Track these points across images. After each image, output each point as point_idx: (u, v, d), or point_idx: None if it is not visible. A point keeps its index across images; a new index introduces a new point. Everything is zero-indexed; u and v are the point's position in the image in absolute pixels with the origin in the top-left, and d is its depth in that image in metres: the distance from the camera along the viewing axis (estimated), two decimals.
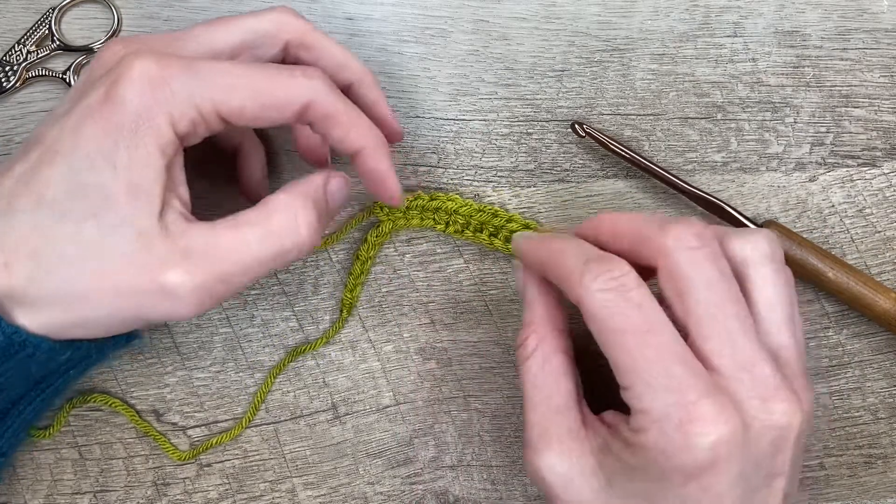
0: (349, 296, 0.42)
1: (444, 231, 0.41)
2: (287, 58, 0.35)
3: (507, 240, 0.41)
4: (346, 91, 0.36)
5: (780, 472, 0.31)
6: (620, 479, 0.32)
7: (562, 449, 0.33)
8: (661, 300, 0.32)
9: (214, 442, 0.42)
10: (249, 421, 0.42)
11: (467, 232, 0.41)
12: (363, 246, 0.41)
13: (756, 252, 0.33)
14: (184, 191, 0.32)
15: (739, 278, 0.32)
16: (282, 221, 0.32)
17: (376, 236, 0.41)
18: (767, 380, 0.31)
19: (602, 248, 0.33)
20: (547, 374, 0.34)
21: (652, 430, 0.30)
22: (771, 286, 0.33)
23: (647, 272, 0.32)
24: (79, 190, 0.30)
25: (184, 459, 0.41)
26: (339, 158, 0.42)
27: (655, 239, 0.32)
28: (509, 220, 0.41)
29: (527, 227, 0.41)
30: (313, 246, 0.33)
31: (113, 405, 0.41)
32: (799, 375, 0.33)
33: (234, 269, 0.31)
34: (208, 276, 0.31)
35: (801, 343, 0.34)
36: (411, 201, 0.41)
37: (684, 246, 0.31)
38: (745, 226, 0.41)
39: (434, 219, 0.41)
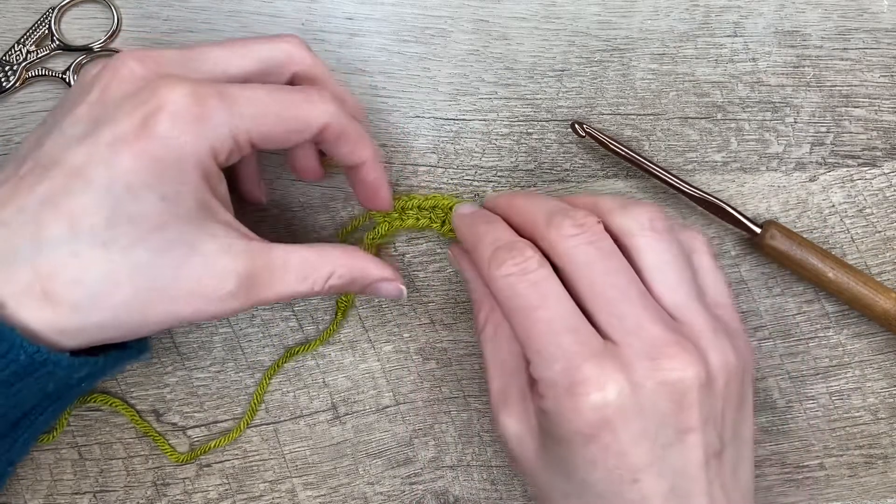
0: (344, 298, 0.42)
1: (440, 230, 0.41)
2: (291, 84, 0.36)
3: None
4: None
5: (691, 428, 0.32)
6: (547, 442, 0.34)
7: (514, 410, 0.35)
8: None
9: (213, 445, 0.42)
10: (248, 423, 0.42)
11: None
12: (360, 248, 0.41)
13: (634, 223, 0.35)
14: (229, 204, 0.34)
15: (626, 250, 0.34)
16: (320, 276, 0.35)
17: (372, 238, 0.41)
18: (655, 339, 0.32)
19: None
20: (499, 342, 0.37)
21: (548, 397, 0.32)
22: (652, 252, 0.34)
23: None
24: (121, 219, 0.30)
25: (182, 461, 0.41)
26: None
27: (541, 233, 0.34)
28: None
29: None
30: None
31: (113, 405, 0.41)
32: (706, 331, 0.33)
33: (270, 298, 0.34)
34: (254, 299, 0.33)
35: (716, 297, 0.36)
36: (406, 201, 0.41)
37: (564, 236, 0.34)
38: (746, 226, 0.41)
39: (430, 217, 0.41)
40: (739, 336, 0.35)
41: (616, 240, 0.35)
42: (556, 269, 0.34)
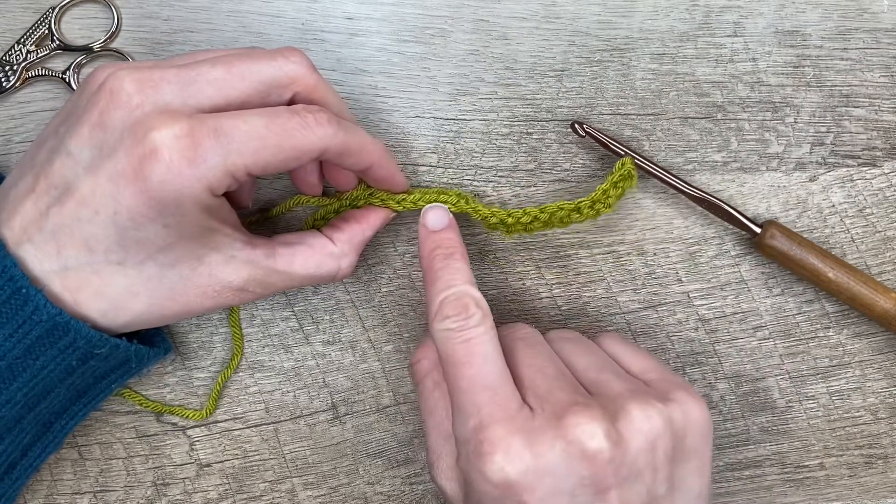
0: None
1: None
2: (291, 102, 0.36)
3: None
4: None
5: (609, 486, 0.31)
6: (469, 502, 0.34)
7: (449, 474, 0.35)
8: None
9: (221, 380, 0.41)
10: (236, 367, 0.42)
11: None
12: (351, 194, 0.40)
13: (552, 334, 0.39)
14: (233, 218, 0.36)
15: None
16: (328, 267, 0.38)
17: (382, 199, 0.40)
18: (562, 402, 0.32)
19: None
20: (437, 400, 0.37)
21: (461, 455, 0.33)
22: (563, 345, 0.38)
23: None
24: (129, 243, 0.32)
25: (205, 416, 0.42)
26: None
27: None
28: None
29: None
30: None
31: (118, 393, 0.41)
32: (623, 392, 0.34)
33: (278, 289, 0.37)
34: (260, 294, 0.36)
35: (642, 365, 0.37)
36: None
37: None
38: (746, 226, 0.41)
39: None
40: (681, 390, 0.35)
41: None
42: None
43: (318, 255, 0.37)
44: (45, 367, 0.33)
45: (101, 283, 0.33)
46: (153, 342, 0.39)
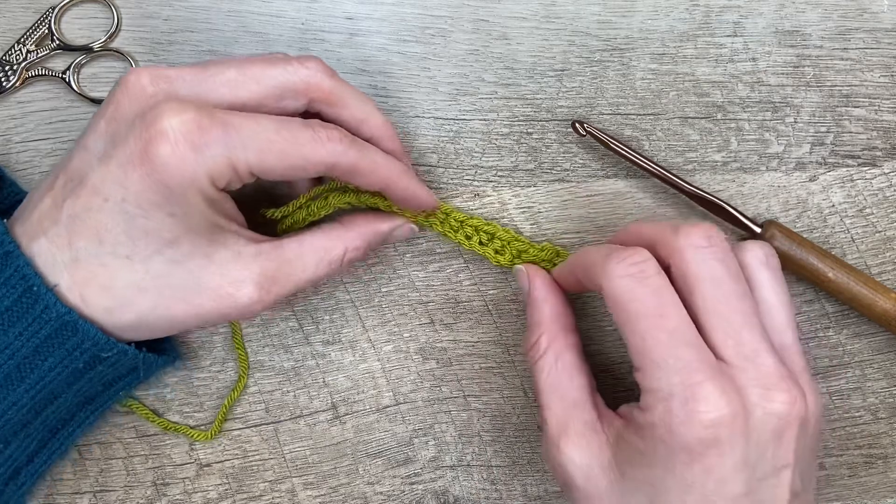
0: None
1: (443, 233, 0.41)
2: (309, 109, 0.36)
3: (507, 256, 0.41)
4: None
5: (786, 464, 0.32)
6: (631, 468, 0.33)
7: (580, 442, 0.35)
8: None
9: (228, 402, 0.41)
10: (242, 388, 0.42)
11: (471, 241, 0.41)
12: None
13: (754, 258, 0.36)
14: (240, 218, 0.36)
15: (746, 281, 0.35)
16: (335, 256, 0.37)
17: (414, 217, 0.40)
18: (770, 370, 0.32)
19: None
20: (560, 372, 0.36)
21: (658, 407, 0.32)
22: (772, 291, 0.36)
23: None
24: (137, 233, 0.32)
25: (212, 437, 0.41)
26: None
27: (668, 239, 0.34)
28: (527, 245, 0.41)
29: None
30: None
31: (128, 406, 0.41)
32: (803, 373, 0.35)
33: (292, 289, 0.36)
34: (276, 296, 0.35)
35: (800, 345, 0.36)
36: (454, 215, 0.41)
37: (693, 245, 0.33)
38: (746, 226, 0.41)
39: (479, 237, 0.41)
40: (807, 375, 0.35)
41: None
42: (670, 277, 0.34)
43: (326, 237, 0.37)
44: (52, 370, 0.33)
45: (108, 277, 0.33)
46: (162, 350, 0.39)
